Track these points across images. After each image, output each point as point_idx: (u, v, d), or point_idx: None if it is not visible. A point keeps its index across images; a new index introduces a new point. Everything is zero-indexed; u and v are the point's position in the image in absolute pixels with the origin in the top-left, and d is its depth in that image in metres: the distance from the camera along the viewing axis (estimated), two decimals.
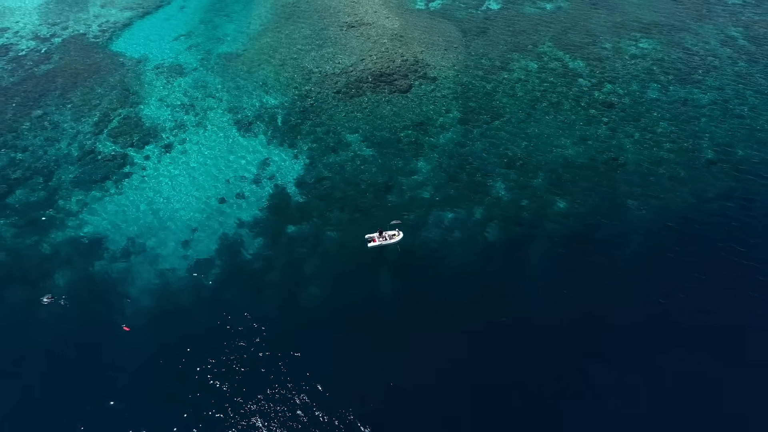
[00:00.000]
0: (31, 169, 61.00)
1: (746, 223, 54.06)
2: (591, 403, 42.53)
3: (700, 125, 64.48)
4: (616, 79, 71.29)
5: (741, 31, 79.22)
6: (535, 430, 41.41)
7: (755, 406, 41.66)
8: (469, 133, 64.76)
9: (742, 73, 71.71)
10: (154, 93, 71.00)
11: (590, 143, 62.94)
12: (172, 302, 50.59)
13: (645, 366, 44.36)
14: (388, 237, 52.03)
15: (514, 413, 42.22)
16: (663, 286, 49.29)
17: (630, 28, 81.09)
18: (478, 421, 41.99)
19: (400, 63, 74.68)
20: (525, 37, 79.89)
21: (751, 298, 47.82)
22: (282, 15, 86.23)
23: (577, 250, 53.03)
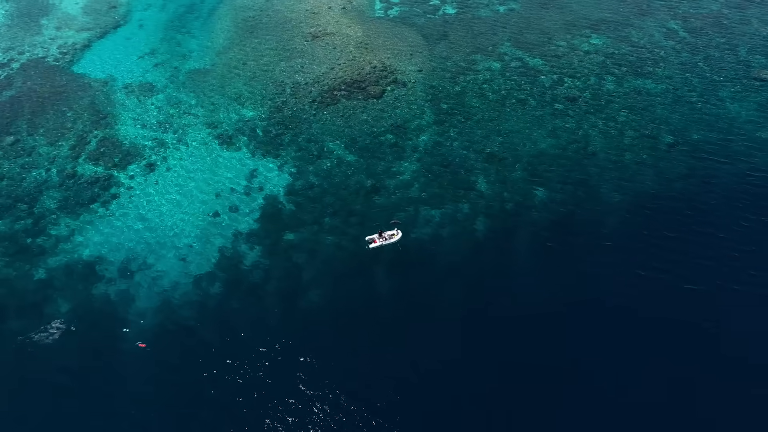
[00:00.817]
0: (11, 197, 59.73)
1: (708, 200, 58.84)
2: (581, 385, 45.85)
3: (656, 113, 69.51)
4: (575, 75, 75.77)
5: (680, 24, 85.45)
6: (533, 415, 44.24)
7: (732, 372, 45.73)
8: (445, 133, 67.56)
9: (687, 62, 77.56)
10: (128, 113, 70.52)
11: (560, 135, 66.85)
12: (177, 319, 51.03)
13: (632, 344, 47.78)
14: (387, 237, 54.06)
15: (514, 397, 45.07)
16: (641, 263, 53.21)
17: (580, 25, 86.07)
18: (480, 408, 44.55)
19: (370, 70, 76.85)
20: (484, 39, 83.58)
21: (726, 270, 52.24)
22: (244, 29, 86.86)
23: (560, 235, 56.51)
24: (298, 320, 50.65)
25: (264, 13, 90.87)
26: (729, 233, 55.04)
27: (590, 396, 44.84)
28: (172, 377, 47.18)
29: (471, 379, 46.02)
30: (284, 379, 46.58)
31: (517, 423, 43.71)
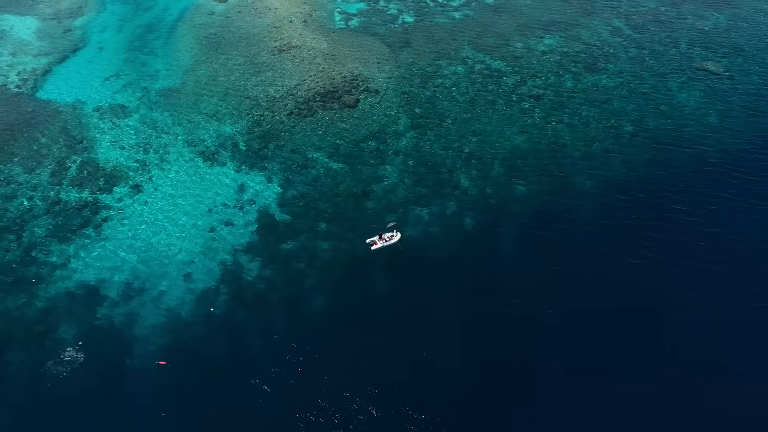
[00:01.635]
0: None
1: (673, 183, 63.79)
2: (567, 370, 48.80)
3: (614, 105, 74.59)
4: (536, 74, 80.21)
5: (624, 22, 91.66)
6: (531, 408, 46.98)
7: (712, 345, 49.83)
8: (423, 136, 70.35)
9: (635, 57, 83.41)
10: (104, 136, 69.85)
11: (530, 131, 70.81)
12: (186, 336, 51.29)
13: (622, 327, 50.93)
14: (387, 238, 56.16)
15: (518, 387, 47.70)
16: (623, 247, 57.06)
17: (533, 27, 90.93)
18: (485, 399, 47.19)
19: (341, 80, 78.86)
20: (445, 44, 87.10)
21: (699, 247, 56.82)
22: (208, 46, 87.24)
23: (543, 225, 60.05)
24: (304, 327, 51.70)
25: (225, 29, 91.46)
26: (698, 216, 59.53)
27: (586, 384, 48.01)
28: (186, 395, 47.46)
29: (477, 373, 48.15)
30: (294, 387, 47.27)
31: (517, 418, 46.21)
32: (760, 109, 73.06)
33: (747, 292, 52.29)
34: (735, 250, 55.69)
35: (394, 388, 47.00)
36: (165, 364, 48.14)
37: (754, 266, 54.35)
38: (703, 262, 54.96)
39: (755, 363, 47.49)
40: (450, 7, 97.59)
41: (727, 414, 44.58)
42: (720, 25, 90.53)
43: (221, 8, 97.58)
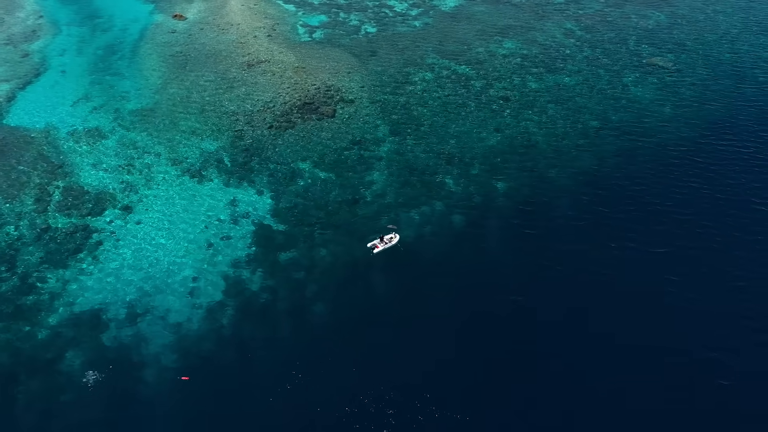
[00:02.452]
0: None
1: (642, 173, 68.27)
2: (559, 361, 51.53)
3: (577, 102, 79.27)
4: (501, 77, 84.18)
5: (575, 24, 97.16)
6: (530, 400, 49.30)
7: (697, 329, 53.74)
8: (403, 141, 72.81)
9: (590, 56, 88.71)
10: (84, 159, 69.00)
11: (504, 131, 74.42)
12: (196, 352, 51.58)
13: (610, 313, 53.94)
14: (387, 240, 58.16)
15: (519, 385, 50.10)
16: (602, 236, 60.62)
17: (491, 33, 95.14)
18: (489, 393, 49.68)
19: (314, 92, 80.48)
20: (411, 52, 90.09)
21: (676, 234, 60.81)
22: (175, 65, 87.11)
23: (527, 219, 63.30)
24: (310, 334, 52.61)
25: (190, 47, 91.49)
26: (670, 203, 63.79)
27: (585, 376, 50.68)
28: (202, 411, 47.67)
29: (483, 370, 49.79)
30: (307, 393, 48.07)
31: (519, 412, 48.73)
32: (708, 99, 79.28)
33: (725, 273, 56.21)
34: (709, 235, 59.82)
35: (405, 388, 48.24)
36: (187, 379, 48.47)
37: (727, 249, 58.42)
38: (682, 248, 58.53)
39: (735, 337, 51.45)
40: (409, 17, 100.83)
41: (705, 389, 48.56)
42: (662, 23, 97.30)
43: (182, 26, 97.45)
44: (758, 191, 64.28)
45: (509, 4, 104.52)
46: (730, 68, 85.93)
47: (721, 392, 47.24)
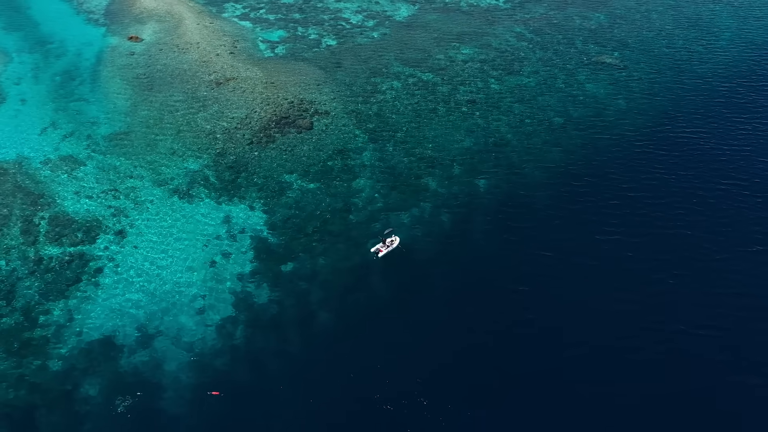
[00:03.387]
0: None
1: (608, 164, 73.33)
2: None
3: (539, 101, 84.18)
4: (464, 82, 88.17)
5: (524, 28, 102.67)
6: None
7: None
8: (383, 148, 75.29)
9: (543, 57, 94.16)
10: (65, 188, 67.69)
11: (476, 132, 78.22)
12: (212, 370, 52.05)
13: (600, 298, 57.66)
14: (389, 243, 60.43)
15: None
16: (584, 226, 64.59)
17: (447, 40, 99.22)
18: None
19: (288, 106, 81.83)
20: (374, 62, 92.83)
21: (655, 218, 65.59)
22: (141, 86, 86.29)
23: (507, 213, 67.01)
24: (318, 342, 53.78)
25: (152, 68, 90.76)
26: (643, 191, 68.44)
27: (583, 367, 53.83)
28: (224, 429, 48.31)
29: (492, 367, 52.09)
30: (319, 404, 49.12)
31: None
32: (656, 92, 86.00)
33: (704, 249, 61.38)
34: (684, 217, 64.92)
35: (420, 387, 49.97)
36: (218, 395, 48.96)
37: (703, 229, 63.50)
38: (663, 229, 63.45)
39: (720, 315, 55.89)
40: (366, 28, 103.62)
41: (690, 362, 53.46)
42: (602, 23, 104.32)
43: (139, 48, 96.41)
44: (718, 173, 70.52)
45: (459, 11, 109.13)
46: (669, 62, 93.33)
47: (706, 373, 51.49)
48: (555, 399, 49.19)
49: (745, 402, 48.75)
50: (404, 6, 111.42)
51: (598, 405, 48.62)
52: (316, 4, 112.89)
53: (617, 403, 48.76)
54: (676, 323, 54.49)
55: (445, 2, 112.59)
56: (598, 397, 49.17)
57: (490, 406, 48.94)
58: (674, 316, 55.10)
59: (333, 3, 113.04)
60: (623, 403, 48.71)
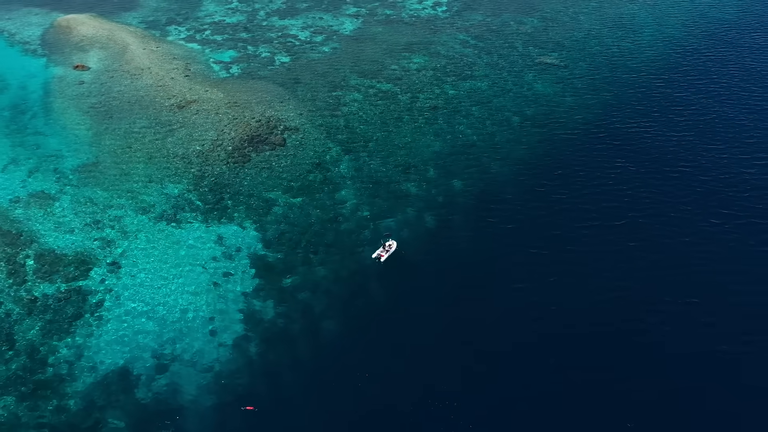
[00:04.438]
0: None
1: (570, 157, 78.90)
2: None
3: (495, 103, 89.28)
4: (422, 89, 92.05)
5: (466, 35, 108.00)
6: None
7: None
8: (358, 158, 77.72)
9: (490, 62, 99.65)
10: (43, 224, 65.72)
11: (443, 136, 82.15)
12: (232, 389, 52.68)
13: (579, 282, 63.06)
14: (388, 248, 62.92)
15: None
16: (562, 217, 69.09)
17: (397, 50, 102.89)
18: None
19: (256, 125, 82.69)
20: (332, 76, 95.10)
21: (629, 206, 70.95)
22: (100, 115, 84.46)
23: (487, 210, 71.15)
24: (328, 352, 55.21)
25: (107, 96, 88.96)
26: (611, 182, 73.88)
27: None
28: None
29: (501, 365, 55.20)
30: (335, 412, 50.77)
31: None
32: (598, 87, 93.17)
33: (673, 230, 67.27)
34: (650, 203, 70.65)
35: (429, 388, 52.08)
36: (252, 409, 49.63)
37: (669, 212, 69.34)
38: (635, 215, 68.92)
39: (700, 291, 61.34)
40: (316, 43, 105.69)
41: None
42: (537, 26, 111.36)
43: (88, 76, 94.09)
44: (670, 160, 77.58)
45: (402, 23, 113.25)
46: (603, 59, 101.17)
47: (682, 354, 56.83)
48: (560, 388, 52.71)
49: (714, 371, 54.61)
50: (348, 20, 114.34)
51: (603, 393, 52.66)
52: (260, 22, 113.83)
53: (619, 389, 52.73)
54: (664, 302, 59.70)
55: (387, 15, 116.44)
56: (602, 386, 52.93)
57: (498, 404, 51.52)
58: (664, 295, 60.28)
59: (278, 21, 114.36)
60: (626, 389, 52.59)
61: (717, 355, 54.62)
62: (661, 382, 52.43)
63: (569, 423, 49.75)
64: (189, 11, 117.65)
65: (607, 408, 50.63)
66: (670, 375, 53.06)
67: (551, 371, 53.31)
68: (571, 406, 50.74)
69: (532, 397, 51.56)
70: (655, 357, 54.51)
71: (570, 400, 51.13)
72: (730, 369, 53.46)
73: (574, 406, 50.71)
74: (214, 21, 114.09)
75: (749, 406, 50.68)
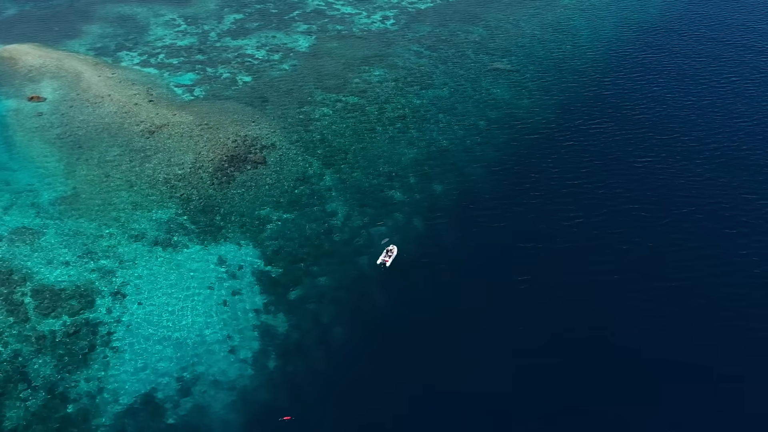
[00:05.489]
0: None
1: (536, 156, 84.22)
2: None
3: (459, 109, 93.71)
4: (388, 100, 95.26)
5: (419, 46, 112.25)
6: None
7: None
8: (341, 171, 79.88)
9: (447, 71, 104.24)
10: (33, 261, 63.96)
11: (417, 144, 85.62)
12: (259, 404, 53.67)
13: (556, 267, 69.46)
14: (390, 252, 65.40)
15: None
16: (541, 212, 74.03)
17: (356, 64, 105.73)
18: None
19: (233, 145, 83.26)
20: (298, 93, 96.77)
21: (602, 197, 77.16)
22: (67, 146, 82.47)
23: (469, 210, 75.06)
24: (341, 359, 57.28)
25: (71, 126, 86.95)
26: (582, 179, 79.37)
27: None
28: None
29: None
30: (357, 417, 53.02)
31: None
32: (550, 89, 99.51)
33: (650, 217, 73.30)
34: (624, 194, 76.52)
35: (441, 388, 54.89)
36: (290, 419, 50.66)
37: (642, 201, 75.42)
38: (613, 206, 74.57)
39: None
40: (275, 62, 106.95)
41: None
42: (483, 35, 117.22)
43: (46, 107, 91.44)
44: (632, 153, 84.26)
45: (354, 37, 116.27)
46: (550, 62, 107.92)
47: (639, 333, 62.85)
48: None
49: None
50: (301, 37, 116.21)
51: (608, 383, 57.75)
52: (214, 44, 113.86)
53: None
54: (654, 280, 65.51)
55: (338, 30, 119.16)
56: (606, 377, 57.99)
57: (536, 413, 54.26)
58: (654, 274, 65.99)
59: (231, 41, 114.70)
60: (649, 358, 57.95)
61: (694, 347, 59.12)
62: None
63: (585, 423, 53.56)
64: (137, 36, 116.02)
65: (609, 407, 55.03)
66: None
67: (561, 370, 57.10)
68: (585, 411, 53.69)
69: (546, 403, 54.72)
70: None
71: (579, 403, 54.07)
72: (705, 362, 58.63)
73: (588, 411, 53.71)
74: (165, 44, 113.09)
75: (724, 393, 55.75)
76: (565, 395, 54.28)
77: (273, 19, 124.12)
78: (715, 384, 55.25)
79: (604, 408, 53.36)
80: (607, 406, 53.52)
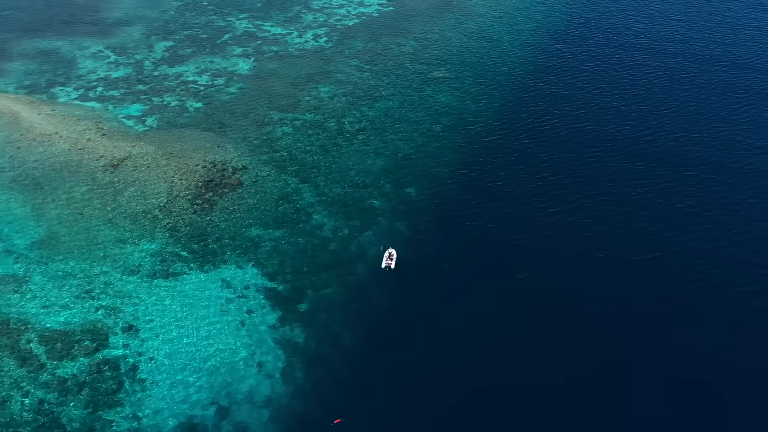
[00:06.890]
0: None
1: (491, 154, 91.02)
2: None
3: (412, 117, 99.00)
4: (343, 114, 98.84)
5: (358, 61, 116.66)
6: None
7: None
8: (316, 186, 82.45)
9: (392, 82, 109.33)
10: (27, 308, 61.58)
11: (382, 153, 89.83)
12: (294, 415, 55.55)
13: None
14: (392, 255, 69.01)
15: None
16: (520, 209, 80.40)
17: (303, 82, 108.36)
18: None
19: (204, 171, 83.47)
20: (254, 115, 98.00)
21: (571, 189, 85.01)
22: (28, 188, 79.07)
23: (442, 208, 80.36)
24: (361, 366, 59.94)
25: (25, 167, 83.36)
26: (544, 171, 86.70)
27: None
28: None
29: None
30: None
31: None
32: (490, 93, 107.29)
33: (613, 204, 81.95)
34: (588, 185, 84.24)
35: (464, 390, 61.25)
36: (340, 422, 52.71)
37: (606, 191, 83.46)
38: (582, 198, 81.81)
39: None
40: (221, 86, 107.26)
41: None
42: (415, 47, 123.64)
43: None
44: (585, 146, 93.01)
45: (293, 57, 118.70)
46: (483, 68, 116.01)
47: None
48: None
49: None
50: (240, 60, 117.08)
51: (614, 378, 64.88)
52: (151, 73, 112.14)
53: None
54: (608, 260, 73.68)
55: (274, 51, 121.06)
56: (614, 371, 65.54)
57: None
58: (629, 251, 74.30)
59: (168, 69, 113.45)
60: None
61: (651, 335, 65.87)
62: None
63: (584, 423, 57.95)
64: (67, 70, 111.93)
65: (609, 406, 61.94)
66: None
67: (567, 368, 62.33)
68: (587, 410, 57.77)
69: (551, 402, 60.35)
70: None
71: (582, 402, 58.26)
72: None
73: (590, 410, 57.80)
74: (100, 77, 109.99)
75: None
76: (572, 393, 59.59)
77: (205, 44, 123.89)
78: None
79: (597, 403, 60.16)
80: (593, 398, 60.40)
